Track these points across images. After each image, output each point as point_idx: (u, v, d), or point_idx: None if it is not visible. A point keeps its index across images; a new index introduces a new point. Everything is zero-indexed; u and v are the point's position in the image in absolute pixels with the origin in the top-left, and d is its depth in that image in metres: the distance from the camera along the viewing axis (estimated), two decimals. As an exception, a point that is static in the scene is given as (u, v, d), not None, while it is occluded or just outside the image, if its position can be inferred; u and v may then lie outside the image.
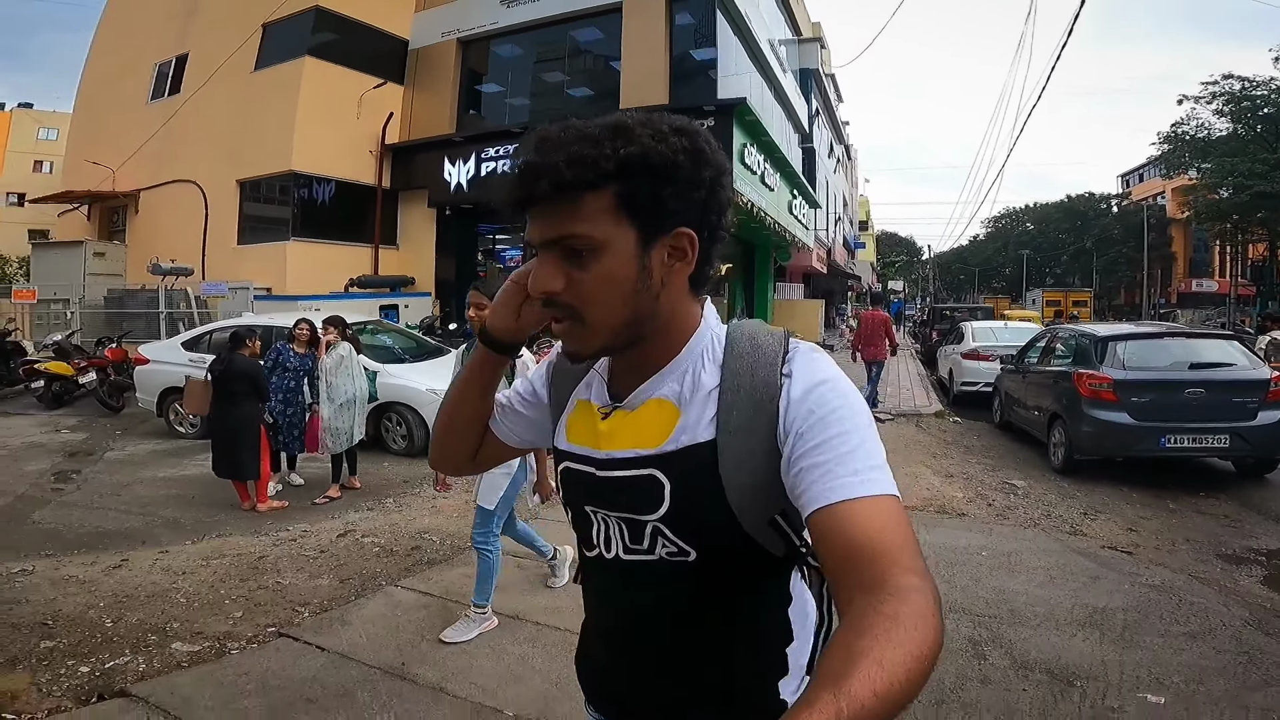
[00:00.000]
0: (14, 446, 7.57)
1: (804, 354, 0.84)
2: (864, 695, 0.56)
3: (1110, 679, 2.79)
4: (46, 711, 2.46)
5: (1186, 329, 9.29)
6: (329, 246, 12.57)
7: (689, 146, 0.79)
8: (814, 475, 0.74)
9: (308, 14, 12.56)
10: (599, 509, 0.91)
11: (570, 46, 13.69)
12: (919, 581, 0.66)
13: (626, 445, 0.87)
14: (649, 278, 0.80)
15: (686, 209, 0.80)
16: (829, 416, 0.77)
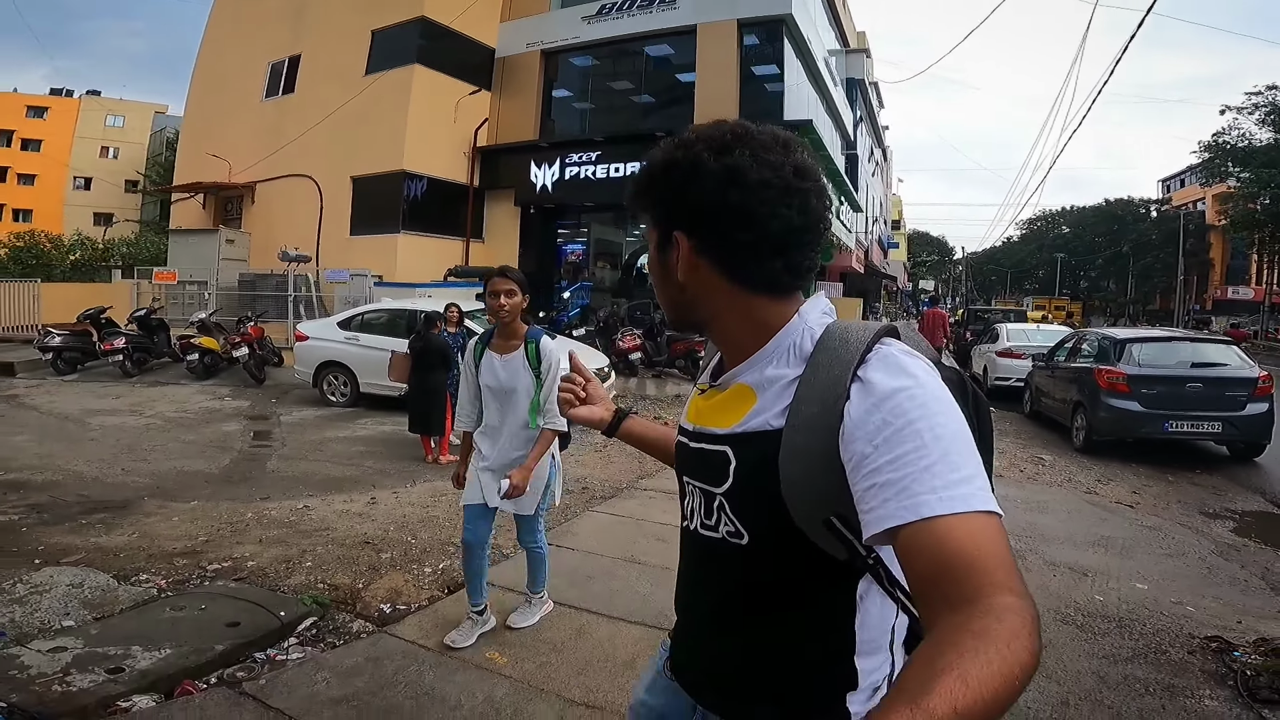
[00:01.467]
0: (195, 411, 9.02)
1: (885, 356, 0.80)
2: (943, 712, 0.53)
3: (1111, 574, 4.07)
4: (427, 600, 3.43)
5: (1193, 334, 10.44)
6: (430, 239, 14.08)
7: (664, 160, 0.90)
8: (888, 492, 0.71)
9: (414, 24, 13.93)
10: (688, 478, 0.99)
11: (641, 60, 14.98)
12: (1016, 601, 0.62)
13: (708, 422, 0.94)
14: (668, 271, 0.92)
15: (676, 216, 0.89)
16: (904, 430, 0.73)
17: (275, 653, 2.90)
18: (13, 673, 2.53)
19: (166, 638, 2.85)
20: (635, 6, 13.83)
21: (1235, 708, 2.57)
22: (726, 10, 13.00)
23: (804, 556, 0.85)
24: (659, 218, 0.92)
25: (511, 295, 2.79)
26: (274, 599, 3.35)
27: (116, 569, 3.71)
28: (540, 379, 2.85)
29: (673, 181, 0.88)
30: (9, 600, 3.19)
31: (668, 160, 0.89)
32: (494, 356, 2.88)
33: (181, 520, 4.67)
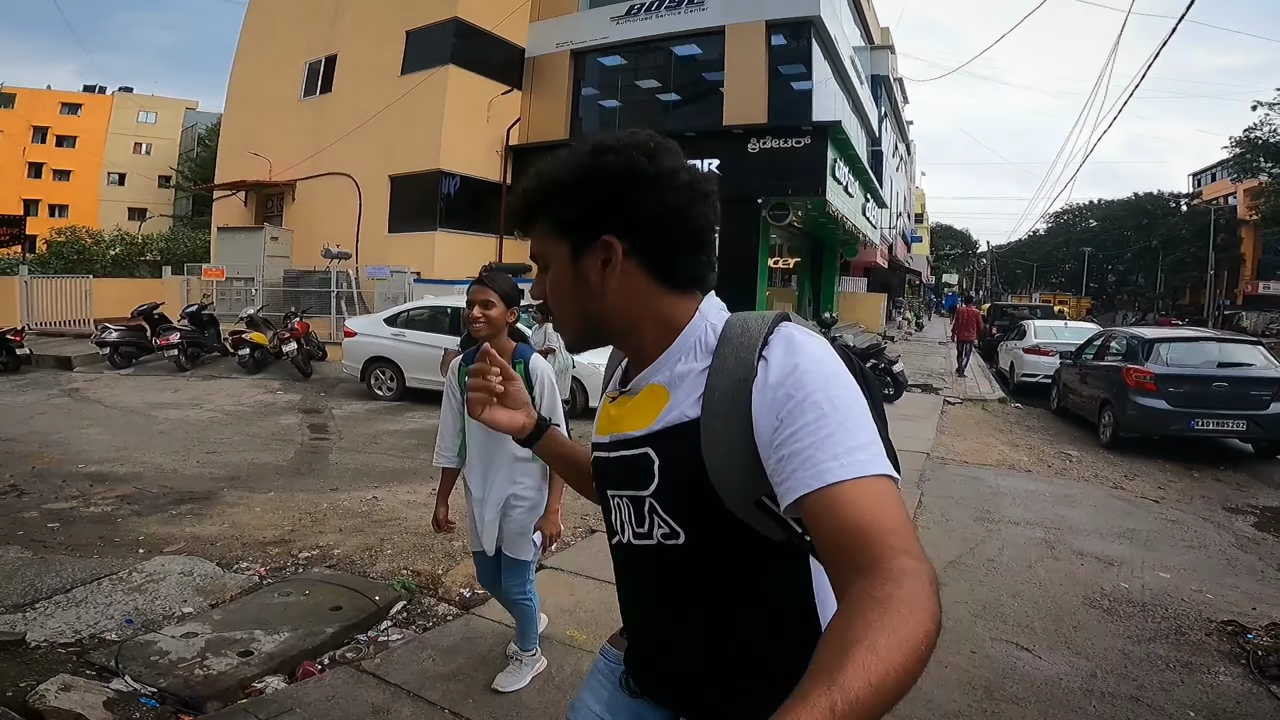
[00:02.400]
0: (251, 404, 9.49)
1: (785, 336, 0.84)
2: (858, 686, 0.55)
3: (1135, 563, 4.31)
4: None
5: (1218, 335, 10.57)
6: (466, 236, 14.48)
7: (589, 165, 0.90)
8: (795, 462, 0.74)
9: (448, 24, 14.27)
10: (611, 491, 0.99)
11: (670, 59, 15.21)
12: (913, 564, 0.65)
13: (626, 428, 0.95)
14: (585, 281, 0.91)
15: (604, 219, 0.89)
16: (805, 401, 0.76)
17: (375, 634, 3.20)
18: (154, 658, 2.79)
19: (282, 621, 3.12)
20: (664, 7, 14.06)
21: (1247, 683, 2.81)
22: (755, 11, 13.19)
23: (742, 544, 0.88)
24: (583, 224, 0.91)
25: (489, 307, 2.39)
26: (366, 584, 3.67)
27: (218, 557, 4.07)
28: (535, 404, 2.52)
29: (606, 185, 0.88)
30: (130, 589, 3.51)
31: (598, 166, 0.89)
32: None
33: (264, 510, 5.05)
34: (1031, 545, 4.54)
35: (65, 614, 3.18)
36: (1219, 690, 2.73)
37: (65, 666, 2.70)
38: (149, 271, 23.46)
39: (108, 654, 2.79)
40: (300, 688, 2.68)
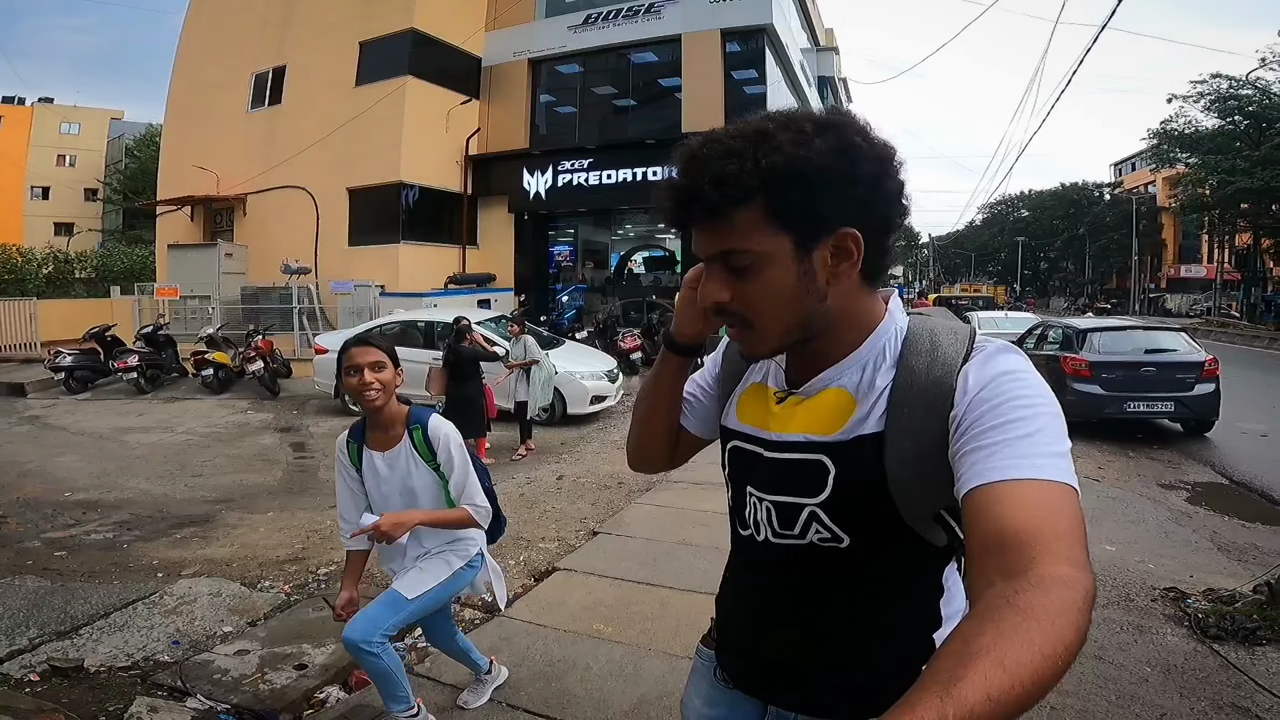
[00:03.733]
0: (224, 425, 9.41)
1: (987, 355, 0.81)
2: (975, 699, 0.51)
3: None
4: (521, 588, 3.85)
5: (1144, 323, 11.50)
6: (429, 248, 14.49)
7: (837, 145, 0.78)
8: (978, 456, 0.71)
9: (405, 35, 14.25)
10: (757, 490, 0.94)
11: (627, 67, 15.51)
12: (1072, 573, 0.60)
13: (800, 430, 0.89)
14: (812, 282, 0.81)
15: (845, 209, 0.79)
16: (1006, 404, 0.74)
17: (412, 642, 3.38)
18: (216, 676, 2.92)
19: (324, 634, 3.27)
20: (621, 16, 14.36)
21: (1191, 642, 3.25)
22: (710, 20, 13.61)
23: (907, 548, 0.86)
24: (816, 214, 0.80)
25: (381, 369, 2.14)
26: None
27: (239, 578, 4.21)
28: (441, 471, 2.26)
29: (861, 171, 0.79)
30: (165, 611, 3.64)
31: (841, 149, 0.78)
32: (374, 455, 2.25)
33: (269, 530, 5.16)
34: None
35: (112, 639, 3.30)
36: (1169, 649, 3.16)
37: (135, 689, 2.84)
38: (85, 290, 22.56)
39: (171, 675, 2.94)
40: (361, 696, 2.87)
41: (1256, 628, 3.24)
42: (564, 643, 3.23)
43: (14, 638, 3.29)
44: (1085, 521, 0.67)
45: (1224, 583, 3.92)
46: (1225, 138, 29.74)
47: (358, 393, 2.16)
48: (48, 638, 3.30)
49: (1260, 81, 26.97)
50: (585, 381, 9.05)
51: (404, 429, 2.27)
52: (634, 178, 13.92)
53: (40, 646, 3.20)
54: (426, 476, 2.27)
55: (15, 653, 3.13)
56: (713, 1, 13.48)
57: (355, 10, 14.78)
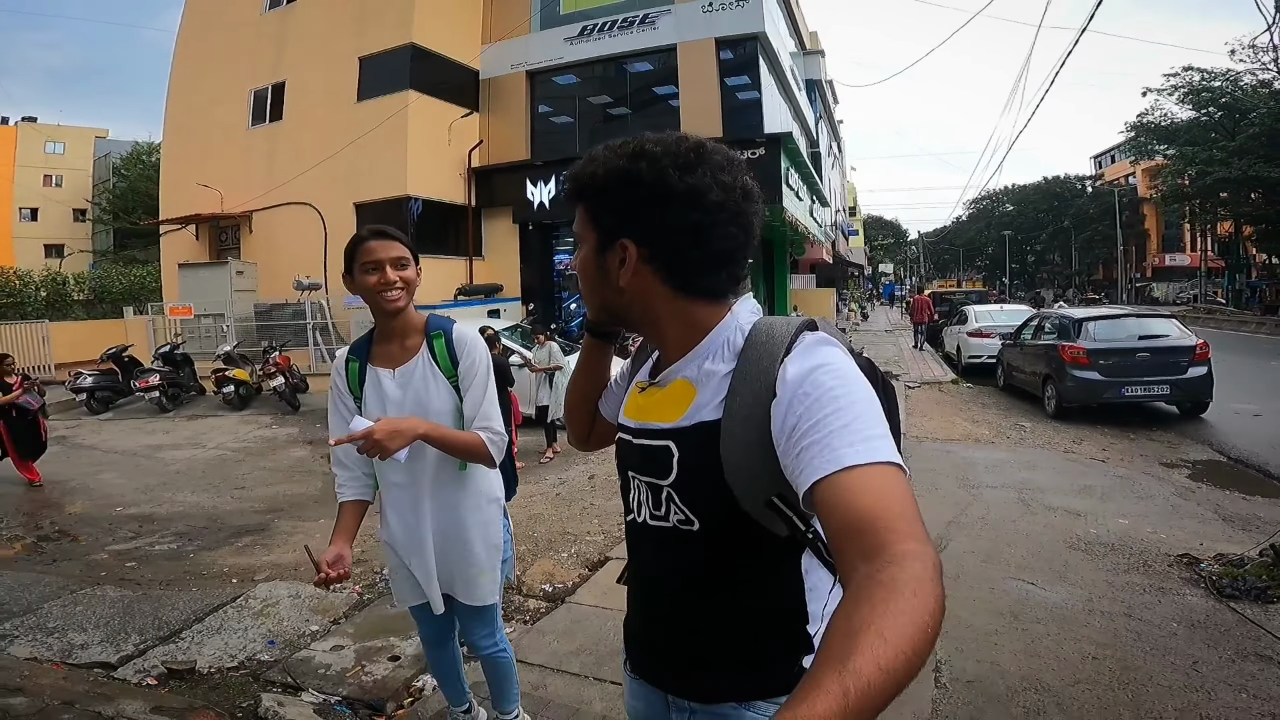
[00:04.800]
0: (252, 440, 9.61)
1: (807, 344, 0.88)
2: (869, 670, 0.56)
3: (1098, 513, 5.09)
4: (578, 578, 4.11)
5: (1137, 311, 11.88)
6: (436, 260, 14.67)
7: (623, 169, 0.92)
8: (811, 452, 0.76)
9: (404, 50, 14.45)
10: (633, 473, 1.04)
11: (624, 77, 15.80)
12: (917, 547, 0.67)
13: (652, 418, 1.00)
14: (606, 274, 0.96)
15: (623, 223, 0.93)
16: (823, 397, 0.79)
17: None
18: (320, 670, 3.11)
19: (407, 628, 3.33)
20: (616, 27, 14.67)
21: (1209, 601, 3.55)
22: (704, 30, 13.94)
23: (751, 536, 0.92)
24: (607, 223, 0.95)
25: (403, 266, 1.87)
26: None
27: (310, 580, 4.45)
28: (460, 390, 1.94)
29: (632, 194, 0.91)
30: (253, 614, 3.84)
31: (629, 171, 0.91)
32: (380, 374, 1.94)
33: (324, 537, 5.22)
34: (1010, 504, 5.33)
35: (212, 641, 3.52)
36: (1190, 607, 3.47)
37: (251, 687, 3.05)
38: (84, 312, 22.59)
39: (278, 672, 3.15)
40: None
41: (1266, 586, 3.56)
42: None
43: (120, 645, 3.49)
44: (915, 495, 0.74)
45: (1231, 549, 4.23)
46: (1201, 129, 30.16)
47: (377, 293, 1.84)
48: (151, 643, 3.49)
49: (1230, 73, 27.50)
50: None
51: (422, 339, 1.95)
52: (637, 186, 14.16)
53: (148, 651, 3.40)
54: (446, 396, 1.93)
55: (126, 659, 3.33)
56: (706, 11, 13.82)
57: (351, 26, 14.98)
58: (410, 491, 1.99)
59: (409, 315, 1.93)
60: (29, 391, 7.01)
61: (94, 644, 3.48)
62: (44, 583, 4.42)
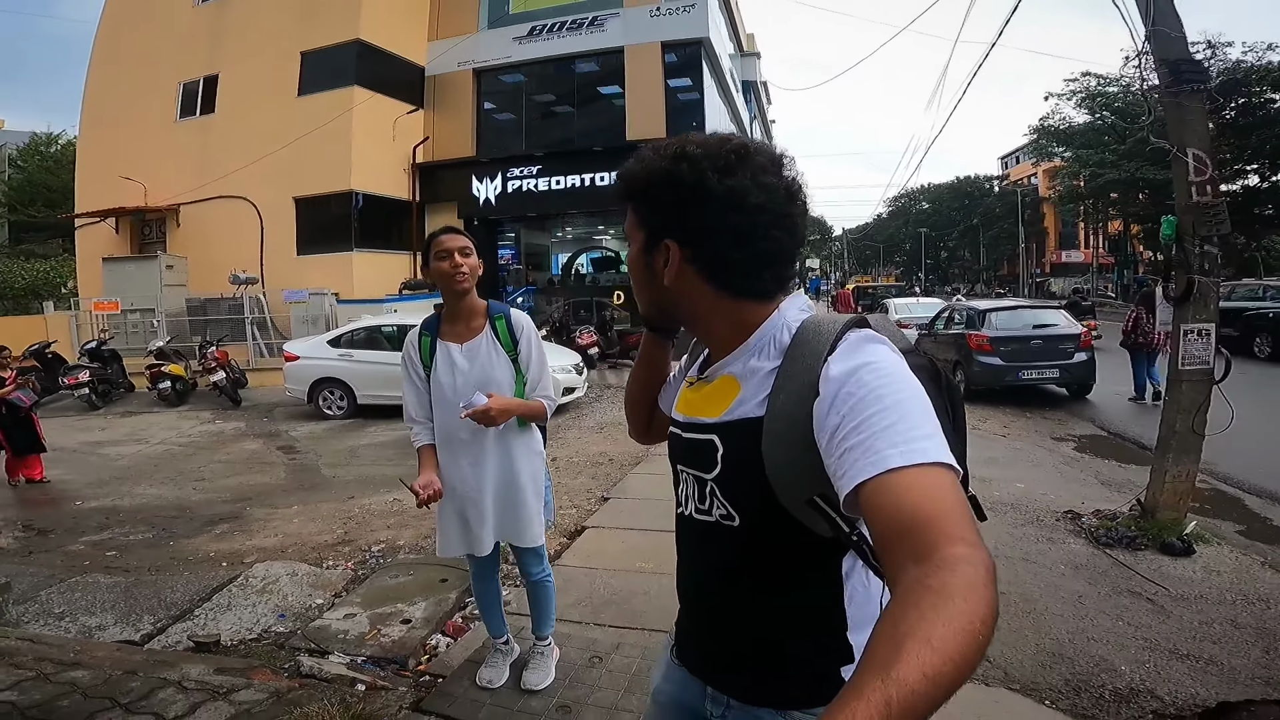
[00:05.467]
0: (198, 435, 9.49)
1: (851, 342, 0.86)
2: (913, 679, 0.55)
3: (1001, 479, 5.86)
4: (559, 547, 4.37)
5: (1030, 303, 13.14)
6: (381, 255, 14.68)
7: (665, 170, 0.93)
8: (854, 455, 0.75)
9: (350, 45, 14.41)
10: (681, 466, 1.05)
11: (572, 78, 16.13)
12: (969, 550, 0.64)
13: (699, 413, 1.01)
14: (653, 273, 0.98)
15: (666, 224, 0.95)
16: (866, 397, 0.78)
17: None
18: (340, 635, 3.36)
19: (411, 595, 3.72)
20: (565, 28, 14.98)
21: (1089, 548, 4.26)
22: (651, 33, 14.46)
23: (792, 535, 0.91)
24: (651, 223, 0.97)
25: (468, 254, 2.25)
26: (449, 561, 4.22)
27: (301, 560, 4.70)
28: (520, 364, 2.35)
29: (673, 195, 0.92)
30: (256, 591, 4.05)
31: (671, 172, 0.92)
32: (450, 348, 2.32)
33: (303, 521, 5.60)
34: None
35: (227, 617, 3.75)
36: (1074, 553, 4.19)
37: (279, 652, 3.30)
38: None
39: (300, 639, 3.41)
40: (465, 639, 3.32)
41: (1135, 536, 4.26)
42: (618, 578, 3.92)
43: (136, 624, 3.69)
44: (964, 497, 0.72)
45: (1108, 506, 5.04)
46: (1095, 133, 31.78)
47: (449, 277, 2.22)
48: (166, 621, 3.70)
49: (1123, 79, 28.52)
50: (557, 375, 9.72)
51: (485, 320, 2.34)
52: (581, 183, 14.60)
53: (168, 629, 3.63)
54: (506, 368, 2.32)
55: (148, 636, 3.56)
56: (653, 15, 14.33)
57: (295, 21, 14.78)
58: (474, 447, 2.35)
59: (473, 299, 2.33)
60: (22, 388, 6.83)
61: (110, 625, 3.68)
62: (29, 573, 4.51)
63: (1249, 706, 2.54)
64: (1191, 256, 4.28)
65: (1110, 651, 3.01)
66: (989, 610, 0.61)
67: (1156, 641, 3.10)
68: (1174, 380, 4.41)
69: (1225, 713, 2.53)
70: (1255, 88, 21.84)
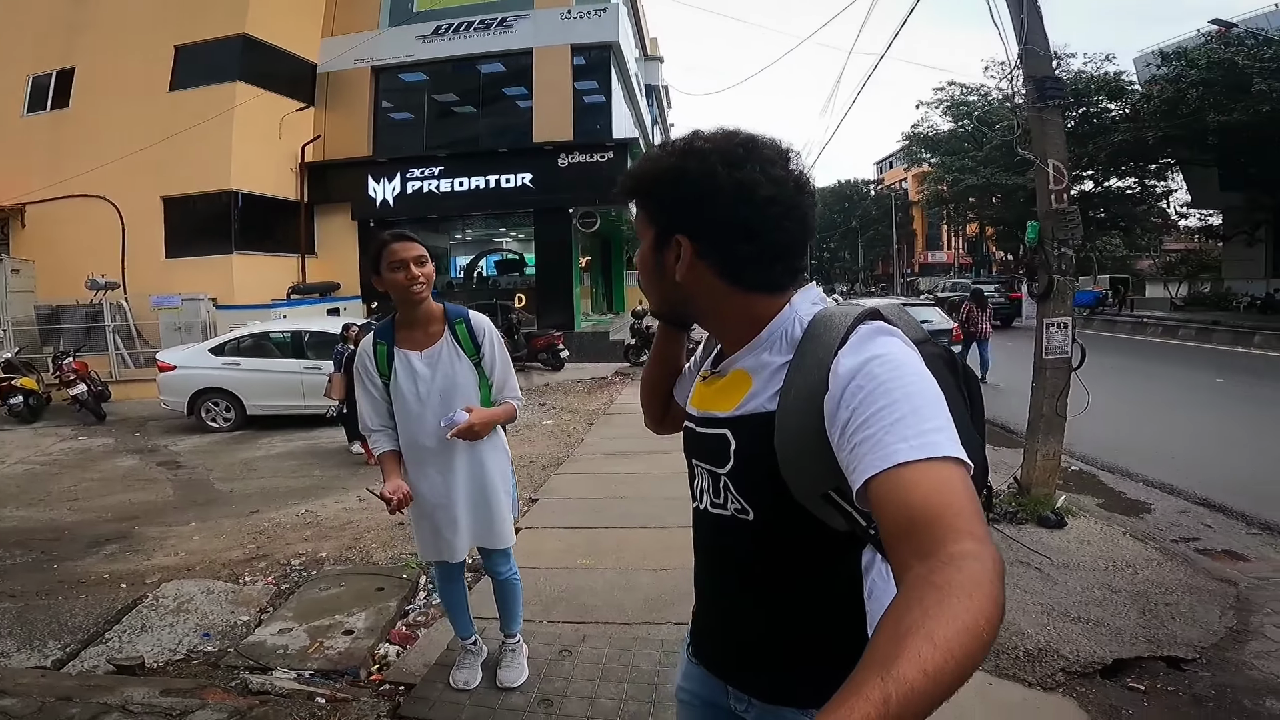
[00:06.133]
0: (61, 453, 8.62)
1: (862, 335, 0.85)
2: (913, 676, 0.54)
3: None
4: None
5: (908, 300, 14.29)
6: (265, 257, 13.76)
7: (674, 166, 0.93)
8: (864, 449, 0.74)
9: (235, 40, 13.51)
10: (696, 460, 1.05)
11: (478, 78, 15.80)
12: (976, 546, 0.64)
13: (712, 407, 1.00)
14: (664, 269, 0.97)
15: (677, 220, 0.94)
16: (876, 390, 0.77)
17: (422, 603, 3.76)
18: (279, 651, 3.19)
19: (346, 606, 3.59)
20: (473, 28, 14.70)
21: None
22: (561, 36, 14.46)
23: (808, 529, 0.91)
24: (661, 219, 0.97)
25: (424, 263, 2.17)
26: (386, 569, 4.25)
27: (214, 577, 4.41)
28: (483, 367, 2.32)
29: (683, 190, 0.92)
30: (171, 611, 3.77)
31: (680, 168, 0.93)
32: (410, 355, 2.26)
33: (204, 539, 5.24)
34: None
35: (145, 638, 3.50)
36: None
37: (214, 672, 3.12)
38: None
39: (236, 657, 3.22)
40: (420, 647, 3.20)
41: (1016, 511, 4.54)
42: (562, 575, 3.94)
43: (43, 650, 3.39)
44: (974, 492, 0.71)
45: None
46: (957, 140, 33.41)
47: (405, 288, 2.15)
48: (76, 645, 3.42)
49: (983, 88, 30.66)
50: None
51: (443, 325, 2.28)
52: (486, 185, 14.36)
53: (80, 653, 3.35)
54: (469, 373, 2.28)
55: (60, 661, 3.28)
56: (564, 18, 14.34)
57: (170, 14, 13.69)
58: (441, 455, 2.31)
59: (430, 305, 2.26)
60: None
61: (14, 651, 3.38)
62: (-108, 604, 4.00)
63: (1139, 663, 2.89)
64: (1051, 258, 4.88)
65: (1014, 616, 3.25)
66: (994, 608, 0.60)
67: (1051, 606, 3.36)
68: (1039, 368, 4.98)
69: (1120, 669, 2.84)
70: (1094, 97, 23.65)
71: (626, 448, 7.12)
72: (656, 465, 6.31)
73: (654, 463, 6.41)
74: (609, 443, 7.48)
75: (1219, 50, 17.96)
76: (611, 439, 7.65)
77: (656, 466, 6.28)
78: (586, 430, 8.23)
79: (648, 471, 6.14)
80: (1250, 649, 3.03)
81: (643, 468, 6.29)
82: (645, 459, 6.58)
